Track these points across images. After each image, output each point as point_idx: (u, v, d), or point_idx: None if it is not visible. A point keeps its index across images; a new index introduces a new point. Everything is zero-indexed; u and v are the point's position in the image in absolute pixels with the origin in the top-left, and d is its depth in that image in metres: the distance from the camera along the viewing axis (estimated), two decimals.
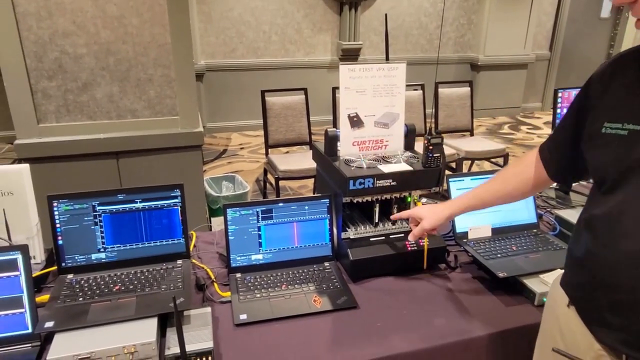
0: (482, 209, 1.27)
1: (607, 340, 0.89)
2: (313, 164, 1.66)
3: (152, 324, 1.08)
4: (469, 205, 1.24)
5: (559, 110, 1.74)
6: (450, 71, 6.36)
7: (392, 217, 1.41)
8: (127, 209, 1.28)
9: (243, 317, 1.22)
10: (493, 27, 6.16)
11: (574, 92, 1.76)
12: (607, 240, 0.85)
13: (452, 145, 3.84)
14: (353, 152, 1.50)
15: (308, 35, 5.69)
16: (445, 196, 1.59)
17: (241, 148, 5.26)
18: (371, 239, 1.45)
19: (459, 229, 1.55)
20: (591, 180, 0.93)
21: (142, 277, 1.25)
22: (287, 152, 4.29)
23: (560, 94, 1.73)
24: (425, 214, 1.27)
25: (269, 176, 3.53)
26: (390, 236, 1.46)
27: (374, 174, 1.37)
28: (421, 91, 3.93)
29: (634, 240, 0.81)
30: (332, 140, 1.48)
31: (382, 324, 1.23)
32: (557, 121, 1.78)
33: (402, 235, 1.47)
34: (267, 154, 3.60)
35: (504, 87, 6.50)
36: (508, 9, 6.12)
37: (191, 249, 1.57)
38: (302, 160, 3.47)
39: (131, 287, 1.21)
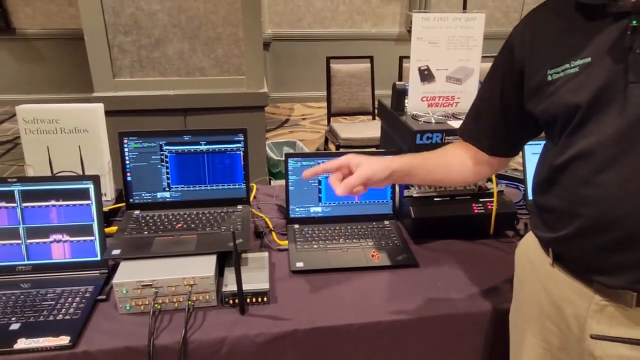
0: (419, 181, 1.21)
1: (612, 283, 0.78)
2: (375, 134, 1.61)
3: (211, 260, 1.09)
4: (412, 166, 1.04)
5: None
6: None
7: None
8: (192, 150, 1.30)
9: (300, 264, 1.21)
10: None
11: None
12: (594, 176, 0.77)
13: None
14: (421, 107, 1.42)
15: (377, 6, 5.52)
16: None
17: (303, 119, 5.26)
18: (435, 199, 1.38)
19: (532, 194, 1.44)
20: None
21: (204, 217, 1.27)
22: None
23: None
24: (364, 160, 0.98)
25: (330, 145, 3.51)
26: (456, 197, 1.39)
27: (443, 129, 1.29)
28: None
29: (628, 169, 0.74)
30: (399, 94, 1.42)
31: (444, 283, 1.17)
32: None
33: (469, 197, 1.38)
34: (329, 121, 3.57)
35: None
36: None
37: (251, 199, 1.58)
38: (365, 129, 3.40)
39: (193, 225, 1.23)
